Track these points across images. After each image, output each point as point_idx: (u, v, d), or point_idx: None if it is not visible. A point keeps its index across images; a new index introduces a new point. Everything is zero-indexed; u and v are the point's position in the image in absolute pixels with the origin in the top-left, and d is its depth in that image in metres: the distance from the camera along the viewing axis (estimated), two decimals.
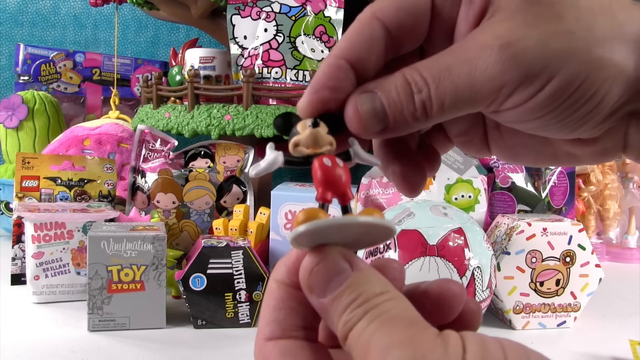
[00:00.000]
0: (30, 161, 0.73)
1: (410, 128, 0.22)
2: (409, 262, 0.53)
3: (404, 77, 0.22)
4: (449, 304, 0.22)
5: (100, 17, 1.23)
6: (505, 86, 0.21)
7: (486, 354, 0.17)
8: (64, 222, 0.65)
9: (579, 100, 0.21)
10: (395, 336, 0.17)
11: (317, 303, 0.20)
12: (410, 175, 0.26)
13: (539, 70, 0.21)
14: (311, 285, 0.20)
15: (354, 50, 0.23)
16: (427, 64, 0.22)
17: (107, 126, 0.93)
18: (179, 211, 0.76)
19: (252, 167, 0.23)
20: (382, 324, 0.18)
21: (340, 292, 0.19)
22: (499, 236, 0.63)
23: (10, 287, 0.70)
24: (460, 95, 0.21)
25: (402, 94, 0.22)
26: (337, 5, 0.82)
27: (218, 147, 0.80)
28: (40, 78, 1.12)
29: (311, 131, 0.22)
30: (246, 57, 0.82)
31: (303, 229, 0.19)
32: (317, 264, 0.20)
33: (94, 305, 0.56)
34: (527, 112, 0.22)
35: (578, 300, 0.62)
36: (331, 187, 0.21)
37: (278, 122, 0.23)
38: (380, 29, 0.23)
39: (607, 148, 0.24)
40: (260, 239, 0.72)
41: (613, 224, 0.99)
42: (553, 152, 0.26)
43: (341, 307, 0.19)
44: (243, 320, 0.59)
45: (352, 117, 0.22)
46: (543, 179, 0.83)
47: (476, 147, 0.28)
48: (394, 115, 0.22)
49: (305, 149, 0.22)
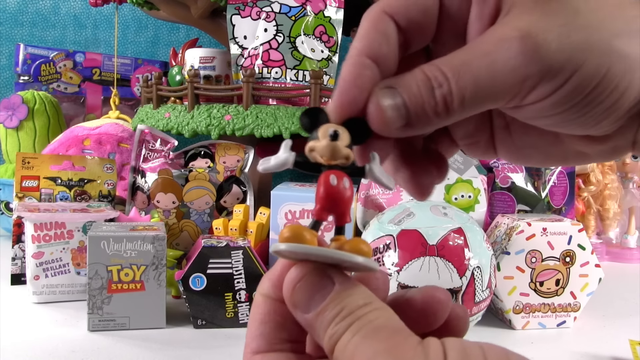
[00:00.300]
0: (30, 161, 0.73)
1: (431, 125, 0.22)
2: (409, 262, 0.53)
3: (423, 73, 0.21)
4: (434, 311, 0.22)
5: (100, 17, 1.23)
6: (528, 79, 0.21)
7: (466, 358, 0.17)
8: (64, 222, 0.65)
9: (602, 93, 0.21)
10: (378, 346, 0.18)
11: (302, 318, 0.20)
12: (420, 179, 0.26)
13: (563, 63, 0.20)
14: (295, 302, 0.20)
15: (373, 46, 0.23)
16: (446, 59, 0.21)
17: (107, 126, 0.93)
18: (179, 211, 0.76)
19: (260, 162, 0.22)
20: (366, 335, 0.18)
21: (324, 307, 0.20)
22: (499, 236, 0.63)
23: (10, 287, 0.70)
24: (482, 89, 0.21)
25: (423, 88, 0.21)
26: (337, 5, 0.82)
27: (218, 147, 0.80)
28: (40, 78, 1.12)
29: (329, 143, 0.21)
30: (246, 57, 0.82)
31: (283, 249, 0.20)
32: (300, 280, 0.20)
33: (94, 305, 0.56)
34: (550, 106, 0.21)
35: (578, 300, 0.62)
36: (330, 208, 0.21)
37: (304, 121, 0.22)
38: (391, 24, 0.23)
39: (617, 146, 0.24)
40: (260, 239, 0.72)
41: (613, 224, 0.99)
42: (563, 152, 0.26)
43: (326, 322, 0.19)
44: (243, 320, 0.59)
45: (374, 112, 0.22)
46: (543, 179, 0.83)
47: (482, 149, 0.27)
48: (416, 110, 0.21)
49: (320, 158, 0.21)
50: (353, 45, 0.23)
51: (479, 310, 0.55)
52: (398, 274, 0.53)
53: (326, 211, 0.21)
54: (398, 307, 0.20)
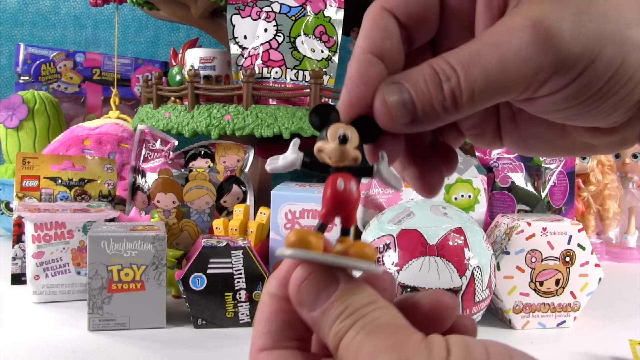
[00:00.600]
0: (30, 161, 0.73)
1: (439, 120, 0.21)
2: (409, 261, 0.53)
3: (431, 67, 0.21)
4: (441, 316, 0.22)
5: (100, 17, 1.23)
6: (541, 70, 0.20)
7: (469, 355, 0.17)
8: (64, 222, 0.65)
9: (616, 84, 0.20)
10: (381, 342, 0.18)
11: (307, 317, 0.20)
12: (428, 176, 0.26)
13: (578, 54, 0.20)
14: (301, 300, 0.20)
15: (377, 43, 0.22)
16: (454, 53, 0.21)
17: (107, 126, 0.93)
18: (179, 211, 0.76)
19: (268, 162, 0.23)
20: (370, 332, 0.18)
21: (329, 305, 0.20)
22: (499, 236, 0.63)
23: (10, 286, 0.70)
24: (492, 82, 0.20)
25: (430, 83, 0.21)
26: (337, 5, 0.82)
27: (218, 147, 0.80)
28: (40, 78, 1.12)
29: (338, 146, 0.21)
30: (246, 57, 0.82)
31: (289, 254, 0.20)
32: (306, 278, 0.20)
33: (94, 305, 0.56)
34: (563, 99, 0.21)
35: (578, 300, 0.62)
36: (336, 211, 0.21)
37: (314, 119, 0.22)
38: (392, 19, 0.23)
39: (625, 137, 0.23)
40: (260, 238, 0.72)
41: (613, 223, 0.99)
42: (569, 144, 0.25)
43: (331, 319, 0.19)
44: (243, 320, 0.59)
45: (380, 109, 0.22)
46: (543, 179, 0.83)
47: (488, 139, 0.27)
48: (423, 106, 0.21)
49: (328, 159, 0.21)
50: (357, 44, 0.23)
51: (479, 310, 0.55)
52: (398, 274, 0.53)
53: (333, 214, 0.21)
54: (404, 309, 0.20)
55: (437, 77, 0.21)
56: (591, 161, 0.96)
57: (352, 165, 0.21)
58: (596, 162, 0.96)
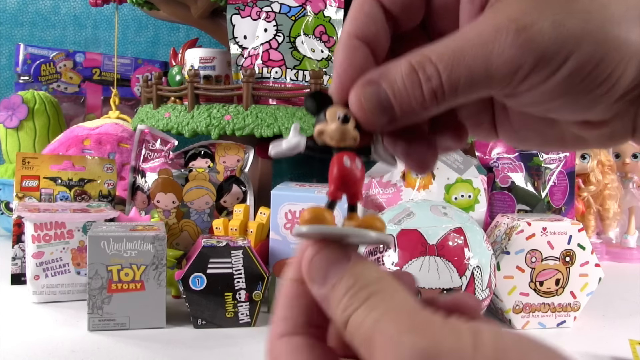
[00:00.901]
0: (30, 161, 0.73)
1: (418, 117, 0.22)
2: (409, 261, 0.53)
3: (409, 64, 0.21)
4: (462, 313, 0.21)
5: (100, 17, 1.23)
6: (520, 69, 0.20)
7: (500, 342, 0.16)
8: (64, 222, 0.65)
9: (594, 81, 0.21)
10: (402, 324, 0.17)
11: (318, 294, 0.20)
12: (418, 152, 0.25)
13: (555, 52, 0.20)
14: (312, 276, 0.20)
15: (361, 27, 0.23)
16: (437, 49, 0.21)
17: (107, 126, 0.93)
18: (179, 211, 0.76)
19: (272, 146, 0.23)
20: (385, 312, 0.18)
21: (339, 279, 0.20)
22: (499, 236, 0.63)
23: (10, 287, 0.70)
24: (475, 80, 0.21)
25: (408, 82, 0.21)
26: (337, 5, 0.82)
27: (218, 147, 0.80)
28: (40, 78, 1.12)
29: (339, 126, 0.22)
30: (246, 57, 0.82)
31: (305, 231, 0.20)
32: (317, 253, 0.21)
33: (94, 305, 0.56)
34: (541, 94, 0.21)
35: (578, 299, 0.62)
36: (344, 187, 0.22)
37: (309, 104, 0.23)
38: (376, 4, 0.23)
39: (615, 131, 0.23)
40: (260, 238, 0.72)
41: (613, 223, 0.99)
42: (560, 135, 0.25)
43: (340, 293, 0.19)
44: (243, 320, 0.59)
45: (356, 110, 0.22)
46: (543, 179, 0.83)
47: (485, 131, 0.27)
48: (401, 105, 0.21)
49: (329, 140, 0.22)
50: (343, 29, 0.23)
51: None
52: None
53: (340, 191, 0.22)
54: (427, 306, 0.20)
55: (415, 76, 0.21)
56: (591, 161, 0.96)
57: (352, 145, 0.22)
58: (596, 162, 0.96)
